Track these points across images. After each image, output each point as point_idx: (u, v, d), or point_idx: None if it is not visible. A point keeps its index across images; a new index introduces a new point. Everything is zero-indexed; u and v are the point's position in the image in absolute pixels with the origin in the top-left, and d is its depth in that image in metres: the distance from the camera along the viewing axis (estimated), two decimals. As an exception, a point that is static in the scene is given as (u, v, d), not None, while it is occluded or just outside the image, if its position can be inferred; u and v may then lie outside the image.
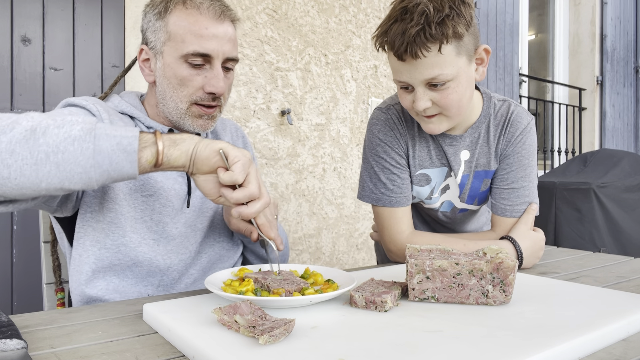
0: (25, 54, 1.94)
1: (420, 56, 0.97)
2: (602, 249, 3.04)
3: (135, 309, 0.81)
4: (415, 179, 1.22)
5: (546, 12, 4.98)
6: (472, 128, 1.17)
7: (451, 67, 0.99)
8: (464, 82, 1.03)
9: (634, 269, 1.15)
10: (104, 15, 2.10)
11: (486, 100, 1.18)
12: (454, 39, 0.97)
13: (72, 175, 0.72)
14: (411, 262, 0.78)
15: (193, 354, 0.58)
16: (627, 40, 5.25)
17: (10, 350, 0.55)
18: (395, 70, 1.04)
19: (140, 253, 0.99)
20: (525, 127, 1.17)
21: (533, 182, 1.20)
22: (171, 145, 0.78)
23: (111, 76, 2.13)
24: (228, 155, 0.78)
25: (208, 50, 0.98)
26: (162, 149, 0.76)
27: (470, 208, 1.29)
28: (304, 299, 0.72)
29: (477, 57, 1.06)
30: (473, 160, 1.20)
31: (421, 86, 1.02)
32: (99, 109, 0.95)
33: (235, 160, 0.78)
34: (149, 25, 1.03)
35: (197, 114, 1.03)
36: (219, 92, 1.01)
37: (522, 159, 1.18)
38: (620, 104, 5.17)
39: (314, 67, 2.87)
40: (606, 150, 3.58)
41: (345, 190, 3.05)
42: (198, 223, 1.08)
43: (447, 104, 1.03)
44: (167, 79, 1.01)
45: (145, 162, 0.76)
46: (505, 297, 0.76)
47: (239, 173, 0.77)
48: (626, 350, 0.63)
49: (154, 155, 0.76)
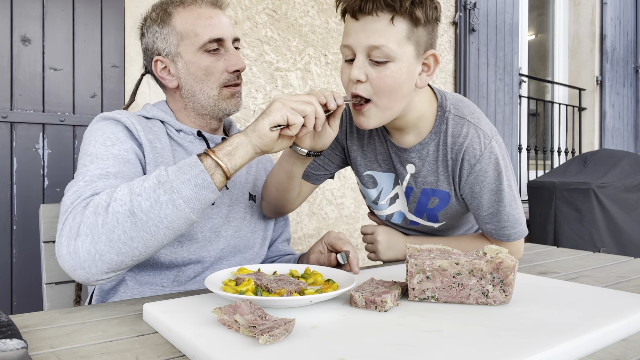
0: (25, 54, 1.93)
1: (372, 14, 0.94)
2: (602, 249, 3.04)
3: (135, 309, 0.81)
4: (362, 179, 1.22)
5: (546, 12, 4.97)
6: (421, 144, 1.10)
7: (397, 45, 0.96)
8: (404, 71, 0.98)
9: (634, 269, 1.15)
10: (103, 15, 2.10)
11: (439, 114, 1.10)
12: (409, 17, 0.95)
13: (180, 227, 0.85)
14: (411, 262, 0.78)
15: (193, 354, 0.58)
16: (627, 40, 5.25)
17: (10, 350, 0.55)
18: (345, 34, 1.00)
19: (162, 255, 1.03)
20: (482, 155, 1.06)
21: (511, 204, 1.11)
22: (230, 158, 0.87)
23: (111, 76, 2.13)
24: (278, 122, 0.86)
25: (220, 34, 1.08)
26: (225, 167, 0.86)
27: (421, 222, 1.23)
28: (304, 299, 0.72)
29: (425, 60, 1.02)
30: (419, 176, 1.14)
31: (362, 54, 0.97)
32: (132, 121, 1.03)
33: (284, 118, 0.86)
34: (156, 37, 1.09)
35: (229, 94, 1.12)
36: (241, 67, 1.10)
37: (488, 185, 1.08)
38: (620, 104, 5.17)
39: (313, 67, 2.87)
40: (606, 150, 3.58)
41: (345, 190, 3.04)
42: (223, 230, 1.10)
43: (380, 85, 0.97)
44: (192, 74, 1.08)
45: (220, 183, 0.87)
46: (505, 297, 0.76)
47: (295, 118, 0.86)
48: (626, 350, 0.63)
49: (223, 175, 0.86)
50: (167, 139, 1.08)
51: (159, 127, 1.09)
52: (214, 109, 1.11)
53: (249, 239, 1.16)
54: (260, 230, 1.19)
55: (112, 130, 1.00)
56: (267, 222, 1.23)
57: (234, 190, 1.16)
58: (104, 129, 1.00)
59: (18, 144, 1.92)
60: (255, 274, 0.86)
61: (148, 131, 1.05)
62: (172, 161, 1.05)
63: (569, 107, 4.85)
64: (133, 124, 1.02)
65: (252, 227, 1.17)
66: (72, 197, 0.87)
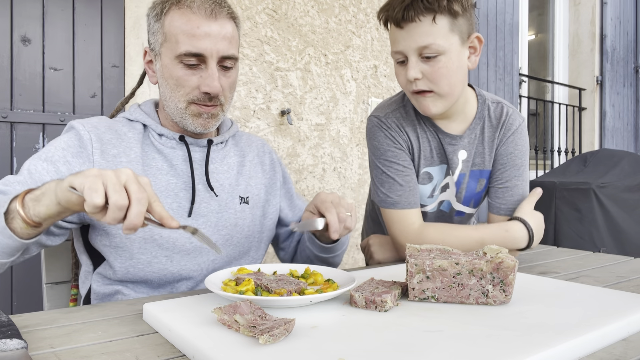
0: (25, 54, 1.93)
1: (416, 20, 1.04)
2: (602, 249, 3.04)
3: (135, 309, 0.81)
4: (419, 178, 1.24)
5: (546, 12, 4.97)
6: (469, 129, 1.21)
7: (444, 39, 1.05)
8: (455, 60, 1.08)
9: (634, 269, 1.15)
10: (104, 15, 2.10)
11: (480, 102, 1.23)
12: (448, 13, 1.05)
13: None
14: (411, 262, 0.78)
15: (193, 354, 0.58)
16: (627, 40, 5.25)
17: (10, 350, 0.55)
18: (393, 41, 1.11)
19: (149, 273, 0.99)
20: (517, 128, 1.22)
21: (525, 181, 1.25)
22: (35, 204, 0.77)
23: (111, 76, 2.13)
24: (75, 186, 0.71)
25: (200, 49, 0.97)
26: (24, 214, 0.76)
27: (466, 211, 1.30)
28: (304, 299, 0.72)
29: (470, 45, 1.12)
30: (470, 160, 1.23)
31: (414, 55, 1.07)
32: (92, 137, 0.98)
33: (82, 187, 0.70)
34: (150, 28, 1.04)
35: (196, 112, 1.02)
36: (213, 92, 0.99)
37: (515, 158, 1.23)
38: (620, 104, 5.17)
39: (313, 67, 2.87)
40: (606, 150, 3.58)
41: (345, 190, 3.04)
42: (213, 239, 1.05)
43: (437, 77, 1.08)
44: (166, 79, 1.02)
45: (22, 231, 0.78)
46: (505, 297, 0.76)
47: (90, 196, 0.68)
48: (626, 350, 0.63)
49: (23, 221, 0.77)
50: (139, 149, 1.01)
51: (137, 133, 1.04)
52: (181, 122, 1.04)
53: (243, 245, 1.11)
54: (255, 234, 1.13)
55: (64, 143, 0.97)
56: (263, 224, 1.16)
57: (223, 195, 1.08)
58: (61, 140, 0.99)
59: (18, 144, 1.92)
60: (255, 273, 0.86)
61: (114, 144, 0.99)
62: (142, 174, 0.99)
63: (569, 107, 4.85)
64: (91, 140, 0.98)
65: (245, 232, 1.11)
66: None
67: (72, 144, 0.98)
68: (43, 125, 1.97)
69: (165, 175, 1.02)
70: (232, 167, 1.13)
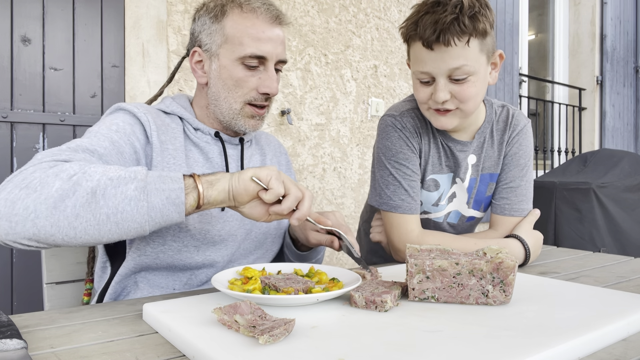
0: (25, 54, 1.93)
1: (451, 44, 1.02)
2: (602, 249, 3.04)
3: (135, 309, 0.81)
4: (425, 184, 1.23)
5: (546, 12, 4.97)
6: (479, 133, 1.23)
7: (474, 61, 1.05)
8: (482, 79, 1.09)
9: (634, 269, 1.15)
10: (104, 15, 2.10)
11: (488, 106, 1.25)
12: (481, 35, 1.04)
13: (129, 230, 0.79)
14: (411, 262, 0.78)
15: (193, 354, 0.58)
16: (627, 40, 5.25)
17: (10, 350, 0.55)
18: (420, 60, 1.08)
19: (177, 259, 1.03)
20: (523, 129, 1.25)
21: (529, 182, 1.26)
22: (209, 187, 0.83)
23: (111, 76, 2.13)
24: (260, 177, 0.84)
25: (264, 52, 1.03)
26: (202, 191, 0.82)
27: (476, 215, 1.31)
28: (311, 297, 0.73)
29: (493, 61, 1.12)
30: (480, 164, 1.24)
31: (443, 77, 1.06)
32: (148, 118, 1.01)
33: (268, 178, 0.84)
34: (204, 28, 1.06)
35: (250, 114, 1.08)
36: (273, 92, 1.06)
37: (520, 158, 1.25)
38: (620, 103, 5.16)
39: (314, 67, 2.87)
40: (606, 150, 3.58)
41: (345, 190, 3.04)
42: (237, 234, 1.10)
43: (465, 97, 1.07)
44: (223, 80, 1.05)
45: (190, 208, 0.82)
46: (505, 297, 0.76)
47: (278, 187, 0.83)
48: (626, 350, 0.63)
49: (195, 199, 0.82)
50: (182, 139, 1.06)
51: (177, 124, 1.07)
52: (231, 122, 1.08)
53: (259, 239, 1.16)
54: (272, 230, 1.18)
55: (123, 120, 0.98)
56: (280, 221, 1.20)
57: None
58: (117, 117, 0.99)
59: (18, 144, 1.92)
60: (261, 272, 0.87)
61: (163, 131, 1.03)
62: (184, 164, 1.03)
63: (569, 107, 4.85)
64: (148, 121, 1.00)
65: (264, 228, 1.16)
66: (47, 154, 0.82)
67: (129, 122, 0.99)
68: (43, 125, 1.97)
69: (201, 167, 1.07)
70: (256, 164, 1.19)
